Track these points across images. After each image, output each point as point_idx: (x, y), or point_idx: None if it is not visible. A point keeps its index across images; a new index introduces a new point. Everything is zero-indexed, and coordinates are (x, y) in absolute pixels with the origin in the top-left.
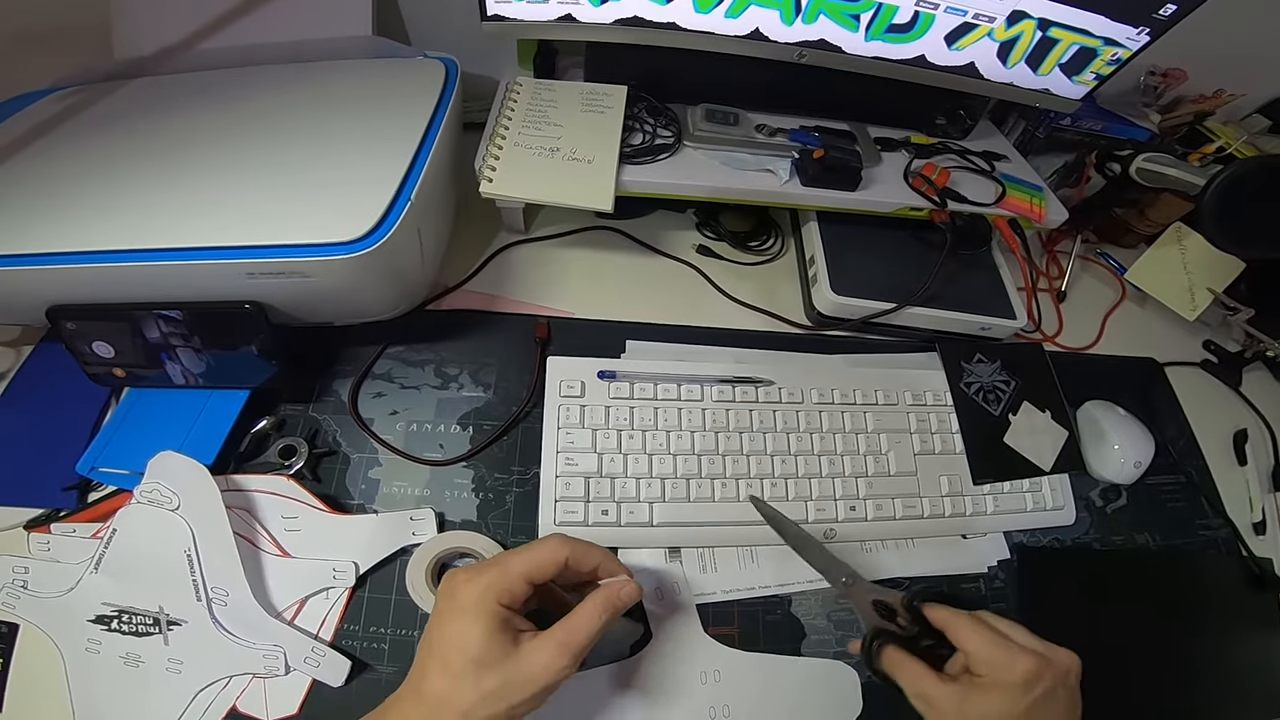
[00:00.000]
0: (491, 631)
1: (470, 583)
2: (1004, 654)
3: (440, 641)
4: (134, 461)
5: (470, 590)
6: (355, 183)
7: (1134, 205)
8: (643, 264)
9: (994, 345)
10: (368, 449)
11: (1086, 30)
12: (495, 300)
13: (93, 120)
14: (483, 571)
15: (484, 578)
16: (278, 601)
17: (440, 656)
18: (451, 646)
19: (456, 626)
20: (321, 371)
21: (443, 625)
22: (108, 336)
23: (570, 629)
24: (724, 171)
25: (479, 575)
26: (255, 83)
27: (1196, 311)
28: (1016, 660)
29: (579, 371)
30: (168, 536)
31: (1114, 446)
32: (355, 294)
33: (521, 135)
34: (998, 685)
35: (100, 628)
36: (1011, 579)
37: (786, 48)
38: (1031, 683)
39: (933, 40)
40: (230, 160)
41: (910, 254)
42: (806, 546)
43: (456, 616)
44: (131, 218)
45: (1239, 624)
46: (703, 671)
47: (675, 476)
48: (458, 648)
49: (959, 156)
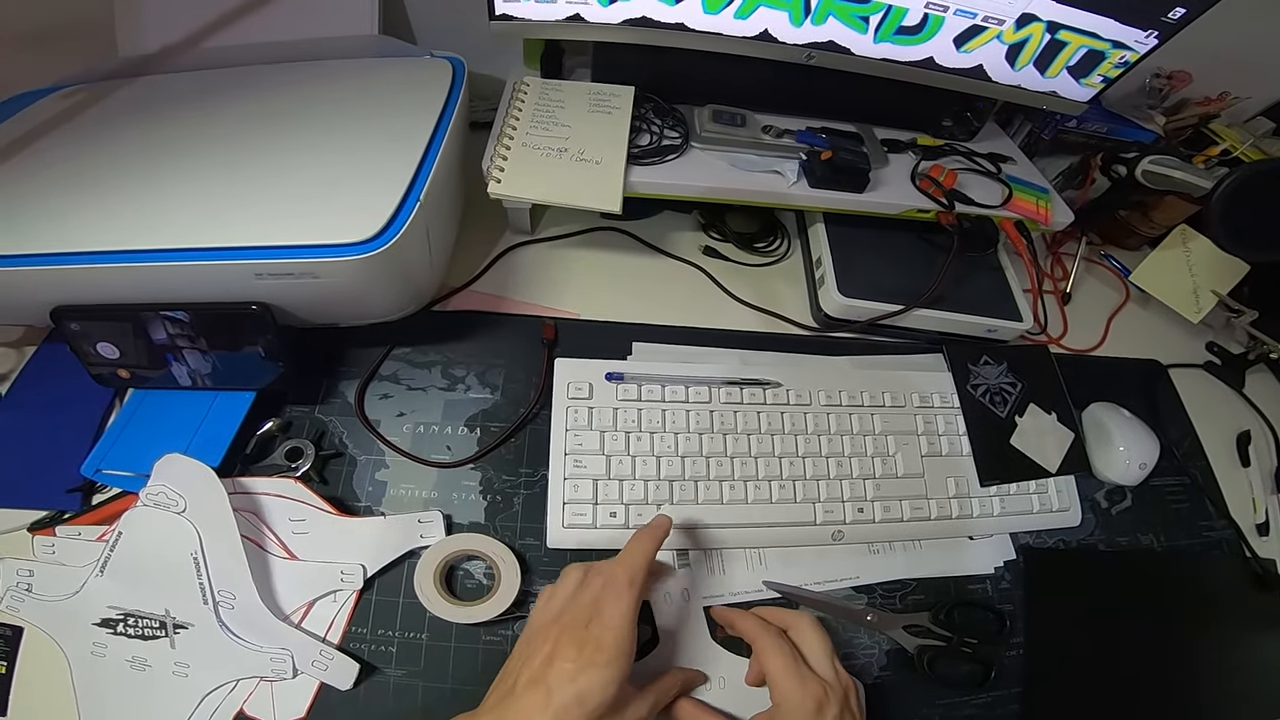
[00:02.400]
0: (619, 681)
1: (621, 620)
2: (796, 684)
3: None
4: (139, 464)
5: (624, 630)
6: (364, 183)
7: (1138, 207)
8: (649, 265)
9: (1000, 347)
10: (374, 451)
11: (1095, 33)
12: (502, 301)
13: (96, 119)
14: (629, 610)
15: (628, 622)
16: (285, 604)
17: (544, 684)
18: (568, 680)
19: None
20: (328, 373)
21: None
22: (112, 337)
23: (659, 690)
24: (731, 173)
25: (627, 614)
26: (260, 82)
27: (1201, 314)
28: (807, 689)
29: (587, 373)
30: (174, 539)
31: (1119, 448)
32: (363, 295)
33: (529, 135)
34: (792, 715)
35: (106, 631)
36: (1018, 580)
37: (795, 49)
38: (822, 709)
39: (942, 42)
40: (236, 160)
41: (916, 256)
42: (827, 607)
43: (602, 652)
44: (136, 218)
45: (1242, 625)
46: (715, 676)
47: (683, 479)
48: (579, 690)
49: (965, 158)
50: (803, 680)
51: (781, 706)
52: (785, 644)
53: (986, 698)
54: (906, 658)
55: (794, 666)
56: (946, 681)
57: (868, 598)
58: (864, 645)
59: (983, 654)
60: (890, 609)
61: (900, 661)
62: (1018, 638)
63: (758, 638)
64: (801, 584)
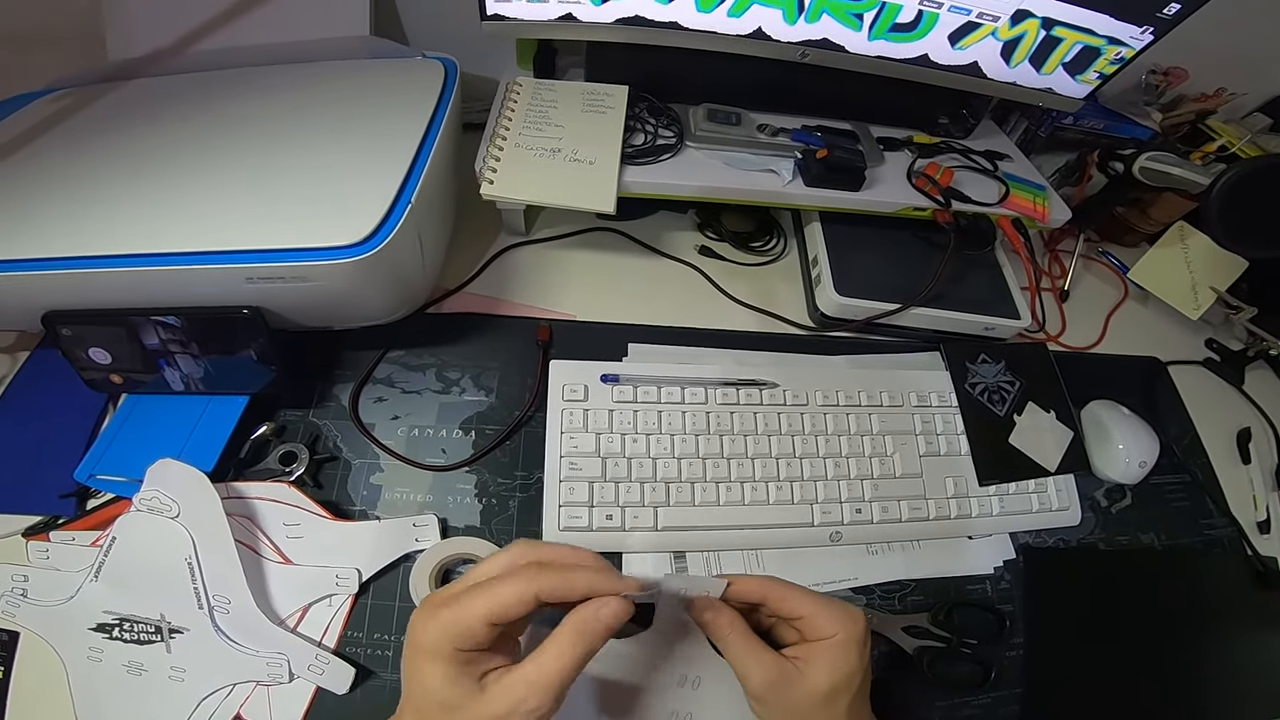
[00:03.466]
0: (451, 676)
1: (427, 624)
2: (841, 611)
3: (408, 682)
4: (132, 469)
5: (427, 633)
6: (354, 185)
7: (1136, 204)
8: (644, 265)
9: (998, 345)
10: (369, 454)
11: (1090, 29)
12: (496, 303)
13: (87, 123)
14: (439, 610)
15: (440, 619)
16: (280, 609)
17: (411, 701)
18: (418, 690)
19: (419, 669)
20: (321, 376)
21: (408, 667)
22: (104, 342)
23: (540, 665)
24: (727, 172)
25: (435, 615)
26: (251, 84)
27: (1200, 310)
28: (849, 611)
29: (582, 375)
30: (168, 544)
31: (1119, 446)
32: (355, 298)
33: (522, 136)
34: (850, 640)
35: (102, 636)
36: (1017, 580)
37: (789, 47)
38: (865, 629)
39: (936, 40)
40: (227, 163)
41: (913, 254)
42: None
43: (417, 659)
44: (126, 222)
45: (1243, 623)
46: (683, 675)
47: (680, 480)
48: (423, 692)
49: (962, 156)
50: (844, 609)
51: (840, 634)
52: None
53: (986, 699)
54: (906, 659)
55: (826, 599)
56: (946, 683)
57: (866, 599)
58: None
59: (982, 655)
60: (889, 610)
61: (899, 663)
62: (1017, 638)
63: (781, 591)
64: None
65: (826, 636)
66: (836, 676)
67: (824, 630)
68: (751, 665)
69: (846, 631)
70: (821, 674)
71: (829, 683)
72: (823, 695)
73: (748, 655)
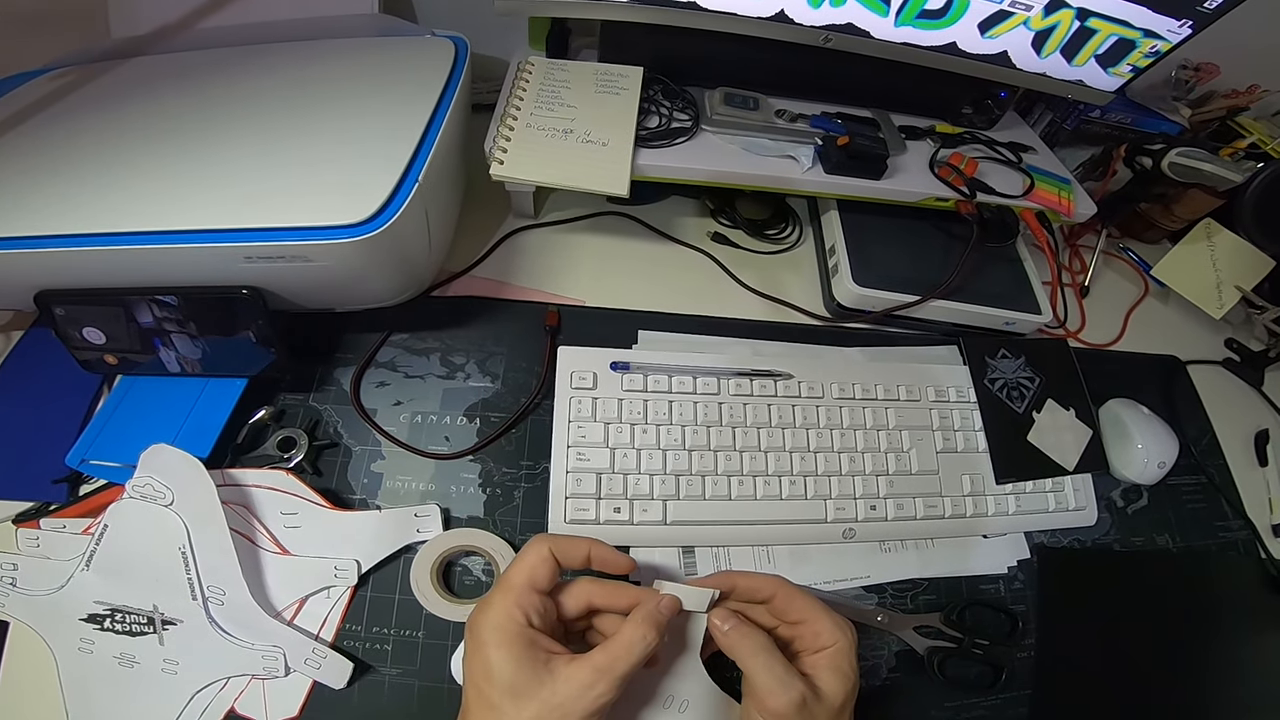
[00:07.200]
0: (519, 656)
1: (484, 612)
2: (837, 618)
3: (473, 676)
4: (126, 454)
5: (487, 618)
6: (360, 163)
7: (1160, 200)
8: (656, 251)
9: (1018, 341)
10: (370, 441)
11: (1126, 21)
12: (504, 287)
13: (87, 100)
14: (487, 602)
15: (492, 604)
16: (277, 601)
17: (477, 691)
18: (484, 679)
19: (485, 660)
20: (322, 359)
21: (472, 661)
22: (99, 322)
23: (610, 651)
24: (744, 157)
25: (487, 605)
26: (256, 62)
27: (1223, 309)
28: (842, 620)
29: (591, 362)
30: (161, 533)
31: (1138, 446)
32: (358, 279)
33: (534, 116)
34: (850, 647)
35: (93, 627)
36: (1031, 580)
37: (812, 31)
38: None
39: (965, 27)
40: (229, 141)
41: (932, 245)
42: (835, 607)
43: (481, 649)
44: (124, 199)
45: (1257, 626)
46: (671, 696)
47: (690, 473)
48: (489, 679)
49: (985, 147)
50: (834, 613)
51: (840, 642)
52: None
53: (997, 700)
54: (916, 659)
55: (824, 606)
56: (957, 683)
57: (878, 598)
58: (873, 646)
59: (994, 655)
60: (901, 609)
61: (910, 663)
62: (1029, 639)
63: (782, 595)
64: (810, 583)
65: (828, 646)
66: (846, 687)
67: (825, 639)
68: (777, 686)
69: (846, 639)
70: (835, 688)
71: (842, 695)
72: (838, 709)
73: (778, 676)
